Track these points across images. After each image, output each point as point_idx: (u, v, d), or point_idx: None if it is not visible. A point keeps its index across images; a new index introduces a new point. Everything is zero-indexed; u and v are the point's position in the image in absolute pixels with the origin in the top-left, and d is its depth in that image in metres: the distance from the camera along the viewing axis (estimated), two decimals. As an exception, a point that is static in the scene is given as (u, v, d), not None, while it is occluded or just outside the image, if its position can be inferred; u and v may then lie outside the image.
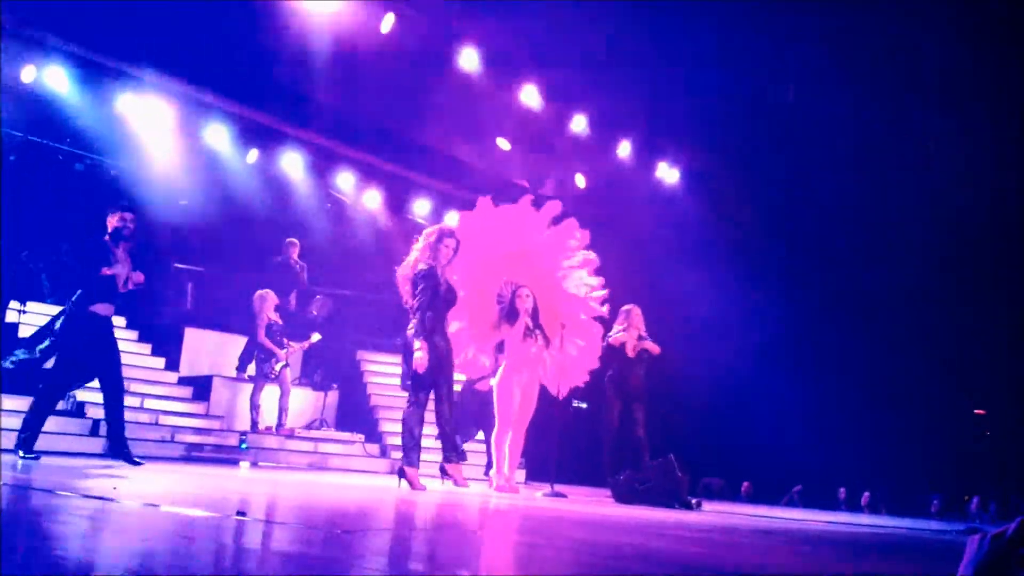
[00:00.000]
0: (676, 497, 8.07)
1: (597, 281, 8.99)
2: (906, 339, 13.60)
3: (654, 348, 9.49)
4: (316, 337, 11.69)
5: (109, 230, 7.91)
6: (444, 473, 7.79)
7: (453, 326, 8.26)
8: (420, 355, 7.48)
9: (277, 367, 11.17)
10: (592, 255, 9.02)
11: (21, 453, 7.47)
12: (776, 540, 5.52)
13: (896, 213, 13.33)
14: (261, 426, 11.11)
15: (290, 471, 10.04)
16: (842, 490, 13.58)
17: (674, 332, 12.32)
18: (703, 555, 4.27)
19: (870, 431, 13.02)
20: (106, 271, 7.71)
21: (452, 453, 7.71)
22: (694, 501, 8.25)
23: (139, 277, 7.96)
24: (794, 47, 12.40)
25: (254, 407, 11.13)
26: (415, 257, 7.79)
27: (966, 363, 13.55)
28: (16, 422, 7.98)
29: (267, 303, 11.24)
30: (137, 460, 7.91)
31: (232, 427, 11.21)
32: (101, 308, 7.82)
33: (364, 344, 13.57)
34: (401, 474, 7.58)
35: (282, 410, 11.24)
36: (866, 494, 13.41)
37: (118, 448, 7.97)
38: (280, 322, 11.30)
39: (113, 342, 7.98)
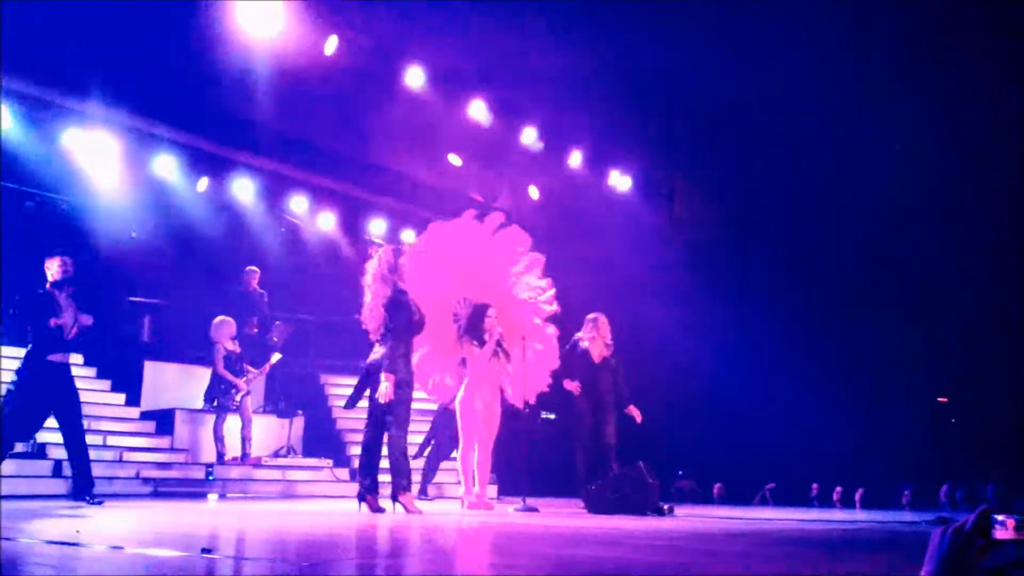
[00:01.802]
0: (648, 504, 8.09)
1: (545, 282, 9.04)
2: (867, 331, 13.75)
3: (637, 416, 9.38)
4: (276, 357, 11.55)
5: (49, 278, 7.85)
6: (395, 501, 7.64)
7: (417, 352, 8.23)
8: (386, 387, 7.38)
9: (238, 397, 11.04)
10: (539, 255, 9.06)
11: None
12: (749, 543, 5.55)
13: (853, 205, 13.48)
14: (227, 457, 10.99)
15: (259, 501, 9.95)
16: (815, 486, 13.68)
17: (637, 335, 12.43)
18: (676, 565, 4.29)
19: (838, 425, 13.12)
20: (54, 322, 7.67)
21: (404, 481, 7.58)
22: (666, 507, 8.27)
23: (86, 320, 7.97)
24: (742, 48, 12.52)
25: (218, 439, 10.99)
26: (376, 284, 7.69)
27: (928, 351, 13.71)
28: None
29: (223, 331, 11.09)
30: (98, 500, 7.82)
31: (198, 460, 11.08)
32: (55, 357, 7.81)
33: (327, 368, 13.49)
34: (361, 498, 7.58)
35: (245, 439, 11.11)
36: (838, 489, 13.51)
37: (83, 489, 7.89)
38: (238, 351, 11.18)
39: (71, 388, 7.94)
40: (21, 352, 11.03)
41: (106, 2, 9.90)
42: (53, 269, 7.90)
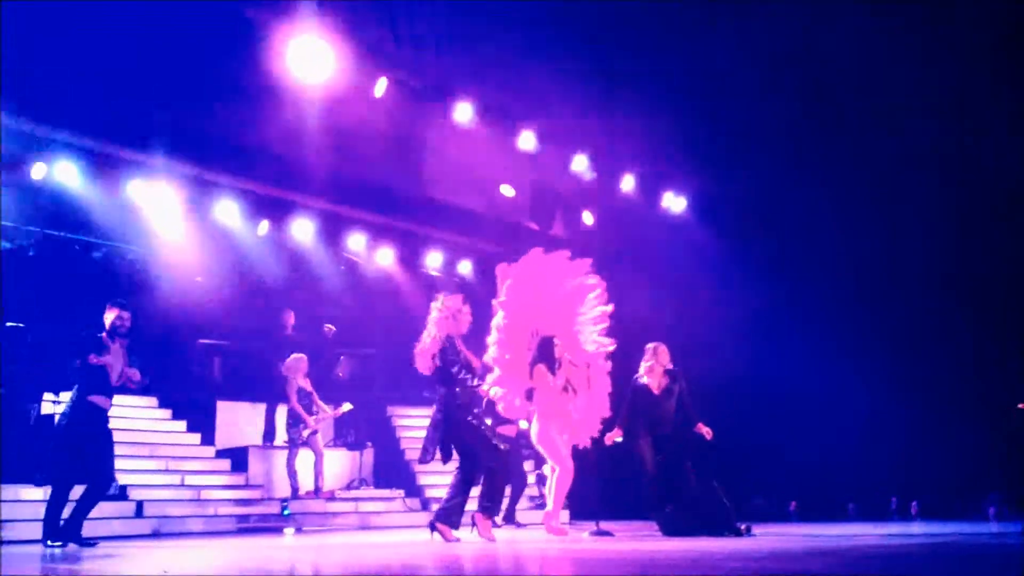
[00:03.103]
0: (725, 525, 8.04)
1: (607, 341, 9.08)
2: (943, 338, 13.44)
3: (707, 433, 9.39)
4: (347, 407, 11.77)
5: (106, 325, 8.03)
6: (473, 523, 7.84)
7: (495, 371, 8.38)
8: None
9: (305, 433, 11.28)
10: (608, 309, 9.11)
11: (48, 542, 7.59)
12: (835, 562, 5.51)
13: (918, 209, 13.31)
14: (301, 491, 11.22)
15: (334, 533, 10.13)
16: (893, 499, 13.40)
17: (703, 354, 12.39)
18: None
19: (916, 436, 12.91)
20: (94, 359, 7.78)
21: (490, 505, 7.80)
22: (743, 527, 8.15)
23: (135, 375, 8.05)
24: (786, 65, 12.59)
25: (291, 473, 11.24)
26: (434, 330, 7.89)
27: (1008, 357, 13.36)
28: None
29: (299, 369, 11.40)
30: (92, 542, 7.80)
31: (272, 495, 11.32)
32: (98, 400, 7.89)
33: (393, 399, 13.69)
34: (432, 527, 7.70)
35: (318, 474, 11.34)
36: (915, 503, 13.23)
37: (72, 529, 7.77)
38: (310, 388, 11.44)
39: (108, 437, 8.00)
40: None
41: (161, 56, 10.23)
42: (110, 318, 8.05)
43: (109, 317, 8.05)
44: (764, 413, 13.01)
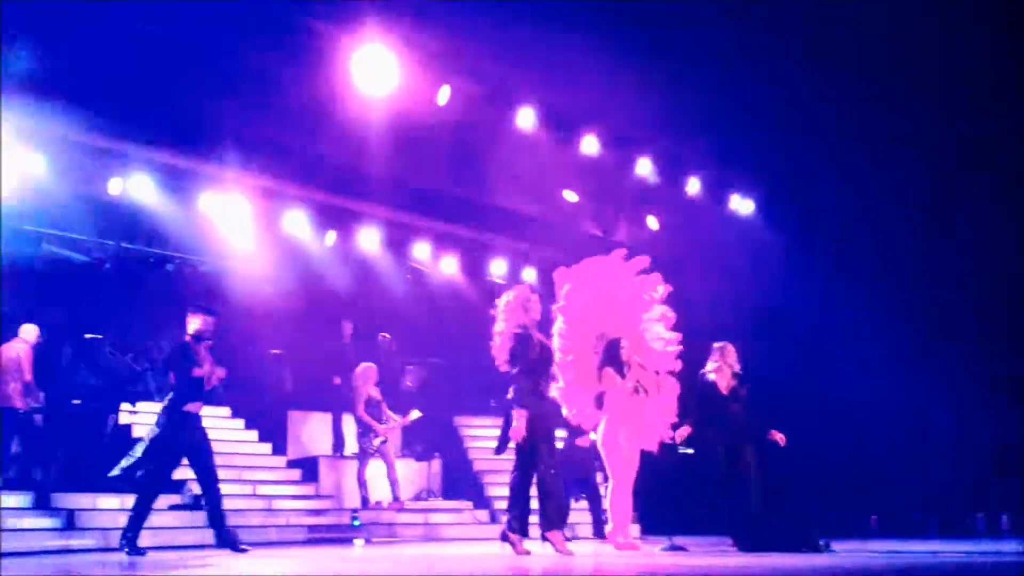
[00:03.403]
0: (803, 540, 7.84)
1: (674, 336, 8.97)
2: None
3: (781, 439, 9.21)
4: (416, 414, 11.84)
5: (190, 330, 8.17)
6: (544, 539, 7.61)
7: (560, 380, 8.31)
8: (517, 424, 7.45)
9: (376, 442, 11.34)
10: (670, 312, 9.01)
11: (127, 550, 7.75)
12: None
13: (997, 218, 12.97)
14: (372, 501, 11.30)
15: (403, 544, 10.19)
16: (980, 515, 12.99)
17: (774, 361, 12.20)
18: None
19: (1005, 447, 12.48)
20: (197, 372, 7.98)
21: (553, 518, 7.56)
22: (822, 542, 7.89)
23: (221, 373, 8.22)
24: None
25: (361, 484, 11.32)
26: (504, 321, 7.76)
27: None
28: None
29: (368, 378, 11.48)
30: (243, 548, 8.05)
31: (342, 506, 11.41)
32: (192, 407, 8.08)
33: (460, 409, 13.73)
34: (504, 538, 7.58)
35: (393, 483, 11.40)
36: (1004, 517, 12.82)
37: (223, 538, 8.12)
38: (379, 397, 11.51)
39: (204, 435, 8.21)
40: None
41: (231, 69, 10.36)
42: (196, 323, 8.18)
43: (194, 323, 8.20)
44: (842, 424, 12.68)
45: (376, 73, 10.85)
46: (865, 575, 5.68)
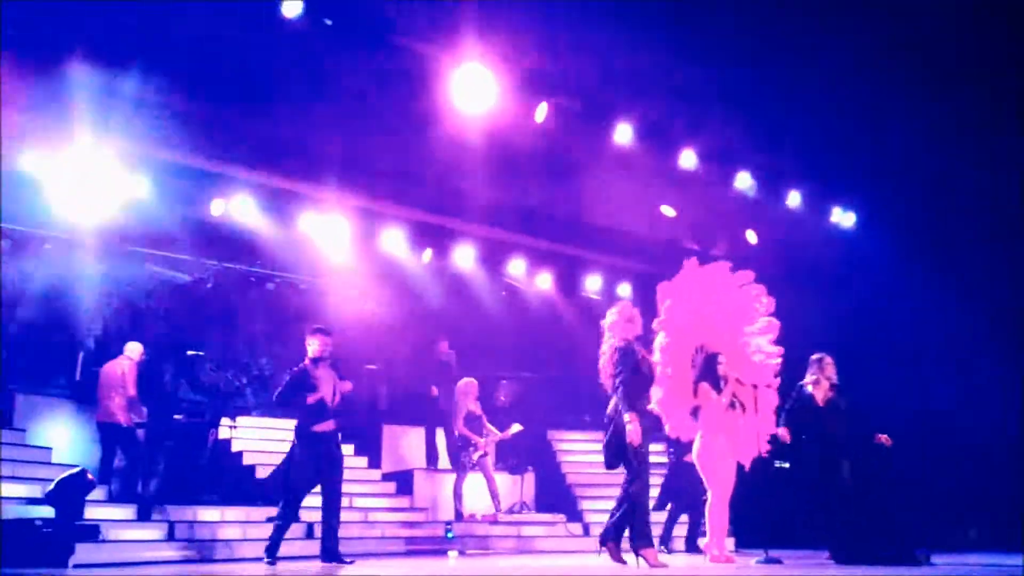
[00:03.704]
0: (902, 552, 7.62)
1: (776, 350, 8.76)
2: None
3: (886, 440, 8.98)
4: (516, 428, 11.84)
5: (310, 353, 8.31)
6: (636, 555, 7.50)
7: (659, 391, 8.19)
8: (631, 427, 7.33)
9: (475, 456, 11.37)
10: (775, 322, 8.81)
11: (267, 559, 8.11)
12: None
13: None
14: (466, 514, 11.30)
15: (497, 557, 10.13)
16: None
17: (874, 374, 11.82)
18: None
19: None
20: (311, 399, 8.13)
21: (644, 536, 7.46)
22: (921, 555, 7.72)
23: (346, 387, 8.37)
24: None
25: (457, 496, 11.34)
26: (610, 337, 7.78)
27: None
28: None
29: (469, 393, 11.54)
30: (347, 560, 8.22)
31: (437, 518, 11.43)
32: (321, 427, 8.20)
33: (553, 423, 13.66)
34: (636, 552, 7.46)
35: (493, 496, 11.46)
36: None
37: (330, 551, 8.29)
38: (479, 412, 11.54)
39: (336, 456, 8.33)
40: (266, 421, 11.95)
41: (331, 90, 10.59)
42: (314, 346, 8.32)
43: (313, 344, 8.33)
44: (942, 436, 12.22)
45: (474, 92, 10.95)
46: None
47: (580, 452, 13.16)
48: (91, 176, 10.28)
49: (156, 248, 12.13)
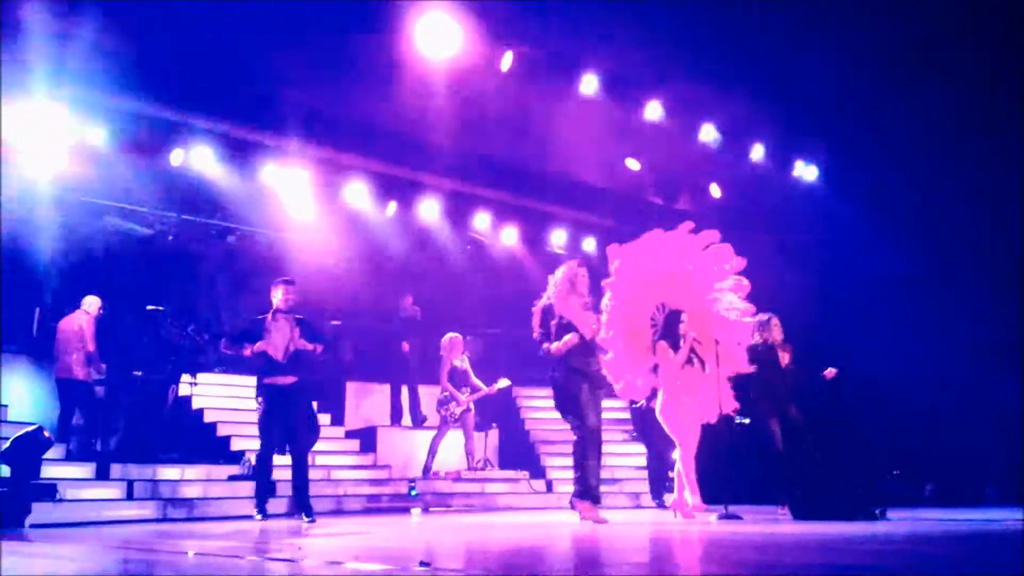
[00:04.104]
0: (859, 507, 7.73)
1: (747, 306, 8.84)
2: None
3: (831, 374, 9.12)
4: (504, 383, 11.82)
5: (273, 303, 8.22)
6: (573, 507, 7.80)
7: (609, 354, 8.31)
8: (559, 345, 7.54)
9: (457, 411, 11.36)
10: (744, 281, 8.87)
11: (259, 516, 8.24)
12: (973, 546, 5.22)
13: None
14: (442, 472, 11.38)
15: (460, 514, 10.16)
16: None
17: (833, 329, 11.91)
18: (902, 568, 4.06)
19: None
20: (246, 351, 8.07)
21: (578, 487, 7.70)
22: (877, 511, 7.81)
23: (302, 344, 8.20)
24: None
25: (431, 452, 11.37)
26: (549, 292, 7.91)
27: None
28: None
29: (454, 348, 11.50)
30: (312, 517, 8.23)
31: (400, 475, 11.43)
32: (272, 379, 8.18)
33: (518, 380, 13.62)
34: (572, 505, 7.69)
35: (469, 453, 11.56)
36: None
37: (300, 503, 8.35)
38: (465, 367, 11.50)
39: (304, 413, 8.32)
40: (227, 378, 11.84)
41: (291, 41, 10.33)
42: (278, 296, 8.31)
43: (276, 295, 8.35)
44: (899, 391, 12.37)
45: (438, 39, 10.76)
46: (921, 541, 5.47)
47: (544, 409, 13.17)
48: (45, 124, 10.01)
49: (114, 200, 11.87)
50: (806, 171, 14.09)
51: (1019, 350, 12.13)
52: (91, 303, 10.52)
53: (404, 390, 12.51)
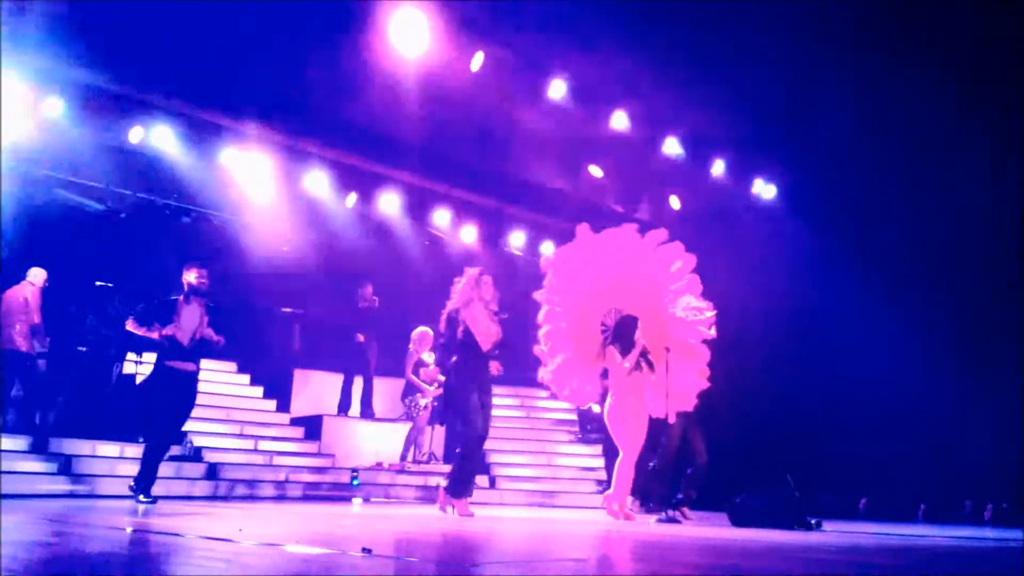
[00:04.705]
0: (794, 517, 7.87)
1: (705, 304, 8.94)
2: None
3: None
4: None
5: (185, 286, 8.11)
6: (445, 501, 8.08)
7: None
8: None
9: (422, 403, 11.37)
10: (696, 278, 8.97)
11: (141, 497, 7.77)
12: (907, 559, 5.32)
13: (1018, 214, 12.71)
14: (380, 461, 11.35)
15: (401, 505, 10.13)
16: (968, 503, 13.02)
17: (781, 345, 12.08)
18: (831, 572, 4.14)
19: (995, 439, 12.37)
20: (157, 333, 7.88)
21: (449, 483, 8.02)
22: (813, 521, 8.00)
23: (209, 334, 8.03)
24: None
25: (408, 444, 11.54)
26: (454, 299, 8.07)
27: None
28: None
29: (423, 342, 11.49)
30: (143, 500, 7.85)
31: (344, 465, 11.37)
32: (176, 364, 7.97)
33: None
34: (444, 500, 8.05)
35: (417, 446, 11.59)
36: (990, 506, 12.85)
37: (136, 483, 7.96)
38: (429, 364, 11.47)
39: (189, 402, 8.14)
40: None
41: (260, 26, 10.26)
42: (191, 278, 8.14)
43: (189, 277, 8.14)
44: (838, 407, 12.61)
45: (409, 35, 10.75)
46: (854, 552, 5.57)
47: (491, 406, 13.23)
48: (2, 94, 9.82)
49: (68, 174, 11.67)
50: (765, 189, 14.27)
51: (955, 372, 12.41)
52: (36, 275, 10.34)
53: (359, 381, 12.41)
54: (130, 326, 8.02)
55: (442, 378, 11.53)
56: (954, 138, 12.29)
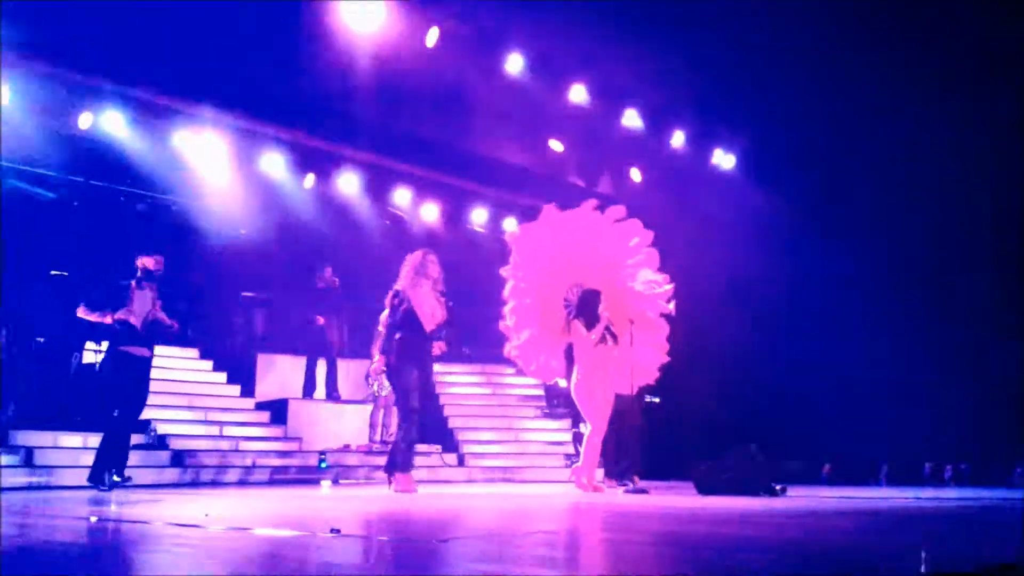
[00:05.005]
0: (760, 484, 7.98)
1: (662, 277, 9.00)
2: (983, 305, 13.10)
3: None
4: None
5: (139, 271, 8.05)
6: (390, 477, 8.24)
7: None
8: (374, 365, 8.35)
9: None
10: (654, 251, 9.02)
11: (99, 487, 7.82)
12: (866, 520, 5.42)
13: (966, 182, 12.88)
14: (348, 443, 11.30)
15: (371, 486, 10.11)
16: (927, 465, 13.31)
17: (744, 315, 12.17)
18: (799, 539, 4.19)
19: (952, 402, 12.61)
20: (109, 319, 7.87)
21: (396, 458, 8.18)
22: (778, 487, 8.11)
23: (162, 318, 8.10)
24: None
25: (372, 425, 11.53)
26: (401, 278, 8.24)
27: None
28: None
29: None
30: (102, 487, 7.93)
31: (310, 447, 11.31)
32: (132, 350, 7.96)
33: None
34: (389, 475, 8.25)
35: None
36: (948, 467, 13.16)
37: (92, 472, 8.04)
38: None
39: (142, 384, 8.13)
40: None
41: (209, 5, 10.08)
42: (148, 263, 8.18)
43: (146, 262, 8.19)
44: (801, 376, 12.76)
45: (363, 13, 10.64)
46: (817, 516, 5.66)
47: (458, 384, 13.27)
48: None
49: (18, 162, 11.43)
50: (724, 159, 14.33)
51: (916, 340, 12.58)
52: (-11, 267, 10.14)
53: (322, 363, 12.32)
54: (81, 312, 7.98)
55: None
56: (912, 100, 12.39)
